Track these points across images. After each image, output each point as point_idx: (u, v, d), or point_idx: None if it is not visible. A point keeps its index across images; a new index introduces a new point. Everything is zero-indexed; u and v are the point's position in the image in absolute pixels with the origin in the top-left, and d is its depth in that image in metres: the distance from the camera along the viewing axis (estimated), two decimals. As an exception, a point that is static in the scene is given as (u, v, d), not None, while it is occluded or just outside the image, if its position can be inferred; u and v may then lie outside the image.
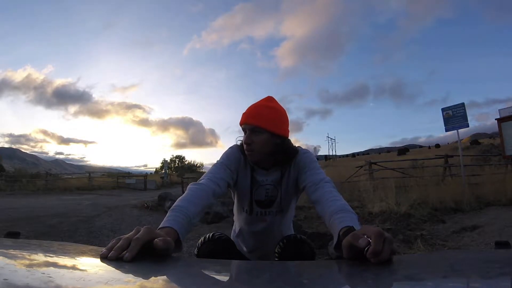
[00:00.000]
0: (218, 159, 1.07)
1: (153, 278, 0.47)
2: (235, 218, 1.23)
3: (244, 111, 1.05)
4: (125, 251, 0.53)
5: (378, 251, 0.51)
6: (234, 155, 1.07)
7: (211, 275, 0.54)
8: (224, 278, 0.54)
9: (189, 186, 0.92)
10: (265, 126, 1.00)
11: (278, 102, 1.07)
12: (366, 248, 0.52)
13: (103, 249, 0.55)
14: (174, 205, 0.80)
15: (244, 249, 1.20)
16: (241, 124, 1.05)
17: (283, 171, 1.06)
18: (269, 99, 1.07)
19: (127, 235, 0.57)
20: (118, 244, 0.55)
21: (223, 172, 1.01)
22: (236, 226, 1.21)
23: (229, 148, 1.10)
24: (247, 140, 1.01)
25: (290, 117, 1.09)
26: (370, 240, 0.53)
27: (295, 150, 1.06)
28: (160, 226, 0.71)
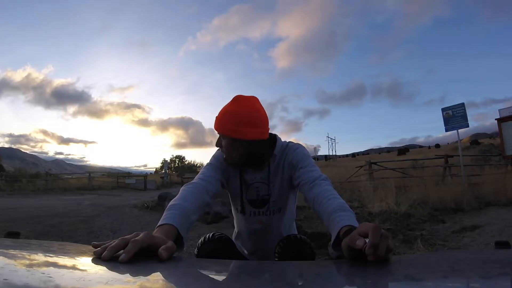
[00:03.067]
0: (208, 161, 1.08)
1: (153, 278, 0.46)
2: (234, 220, 1.22)
3: None
4: (122, 251, 0.52)
5: (376, 244, 0.52)
6: (221, 157, 1.05)
7: (211, 275, 0.54)
8: (224, 278, 0.54)
9: (182, 188, 0.92)
10: (224, 133, 0.98)
11: (247, 101, 0.98)
12: (365, 246, 0.53)
13: (97, 245, 0.55)
14: (169, 204, 0.79)
15: (245, 251, 1.18)
16: None
17: (270, 167, 1.04)
18: (234, 101, 0.99)
19: (125, 237, 0.57)
20: (113, 244, 0.54)
21: (214, 171, 1.01)
22: (235, 228, 1.20)
23: (217, 150, 1.09)
24: (217, 145, 1.04)
25: (289, 117, 1.06)
26: (367, 240, 0.54)
27: (267, 151, 1.01)
28: (158, 224, 0.70)
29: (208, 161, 1.09)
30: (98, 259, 0.52)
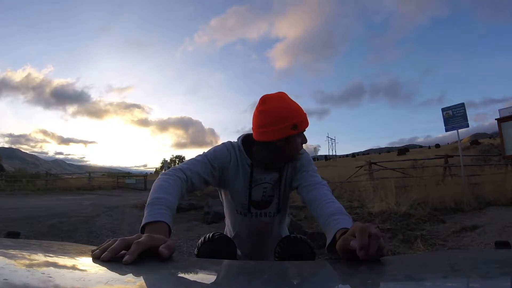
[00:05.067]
0: (205, 151, 1.02)
1: (153, 278, 0.47)
2: (228, 220, 1.17)
3: (301, 112, 0.98)
4: (124, 252, 0.52)
5: (364, 246, 0.53)
6: (223, 153, 1.01)
7: (211, 275, 0.54)
8: (224, 278, 0.54)
9: (160, 176, 0.88)
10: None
11: (263, 101, 0.95)
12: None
13: (96, 249, 0.54)
14: (154, 197, 0.77)
15: (239, 252, 1.16)
16: (306, 127, 0.99)
17: (281, 171, 1.04)
18: (258, 103, 0.98)
19: (125, 238, 0.56)
20: (113, 246, 0.53)
21: (202, 166, 0.95)
22: (230, 229, 1.16)
23: (222, 143, 1.05)
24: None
25: None
26: (357, 251, 0.55)
27: (287, 154, 0.98)
28: (149, 219, 0.69)
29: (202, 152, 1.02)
30: (94, 259, 0.51)
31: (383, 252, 0.56)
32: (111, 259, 0.50)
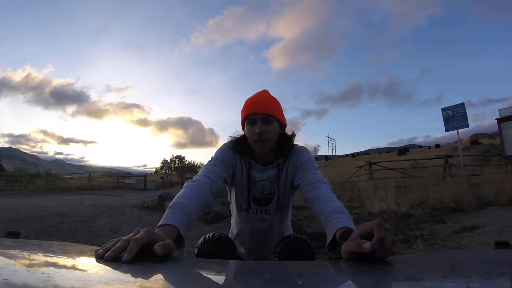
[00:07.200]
0: (213, 155, 1.07)
1: (153, 278, 0.46)
2: (233, 219, 1.21)
3: (248, 103, 1.03)
4: (124, 252, 0.52)
5: (382, 238, 0.52)
6: (229, 152, 1.06)
7: (211, 275, 0.54)
8: (224, 278, 0.54)
9: (185, 184, 0.91)
10: (276, 115, 1.01)
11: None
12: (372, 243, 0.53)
13: (99, 249, 0.54)
14: (172, 202, 0.79)
15: (242, 250, 1.18)
16: (249, 113, 1.00)
17: (279, 167, 1.06)
18: (267, 91, 1.09)
19: (125, 237, 0.57)
20: (116, 245, 0.54)
21: (218, 168, 1.00)
22: (235, 228, 1.19)
23: (224, 145, 1.10)
24: (261, 130, 0.98)
25: (286, 117, 1.10)
26: (372, 242, 0.53)
27: (292, 138, 1.08)
28: (159, 223, 0.71)
29: (209, 159, 1.07)
30: (98, 259, 0.52)
31: (395, 246, 0.56)
32: (114, 259, 0.51)
